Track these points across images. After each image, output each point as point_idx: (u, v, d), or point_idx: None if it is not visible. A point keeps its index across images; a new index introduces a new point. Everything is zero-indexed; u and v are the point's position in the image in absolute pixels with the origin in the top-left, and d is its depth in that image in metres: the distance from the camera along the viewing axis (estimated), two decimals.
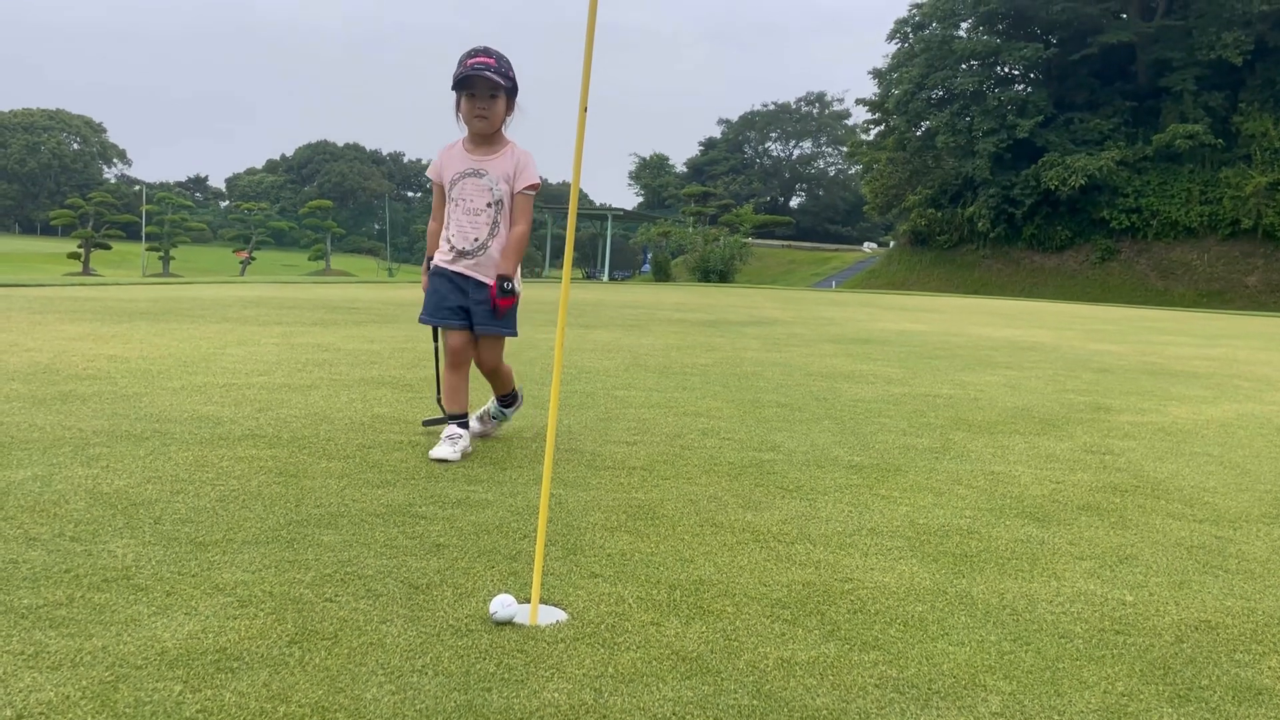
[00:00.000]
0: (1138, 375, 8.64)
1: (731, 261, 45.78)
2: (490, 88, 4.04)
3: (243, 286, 17.66)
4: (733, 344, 9.84)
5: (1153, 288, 43.08)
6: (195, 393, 5.26)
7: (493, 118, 4.08)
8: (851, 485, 4.02)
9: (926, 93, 49.49)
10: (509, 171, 4.14)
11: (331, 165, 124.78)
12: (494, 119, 4.09)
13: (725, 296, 22.18)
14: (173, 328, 8.51)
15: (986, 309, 21.52)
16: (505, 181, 4.14)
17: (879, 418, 5.70)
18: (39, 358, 6.21)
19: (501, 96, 4.06)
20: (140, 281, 20.75)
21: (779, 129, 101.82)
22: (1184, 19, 43.81)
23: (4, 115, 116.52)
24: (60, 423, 4.31)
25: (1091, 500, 4.00)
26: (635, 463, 4.21)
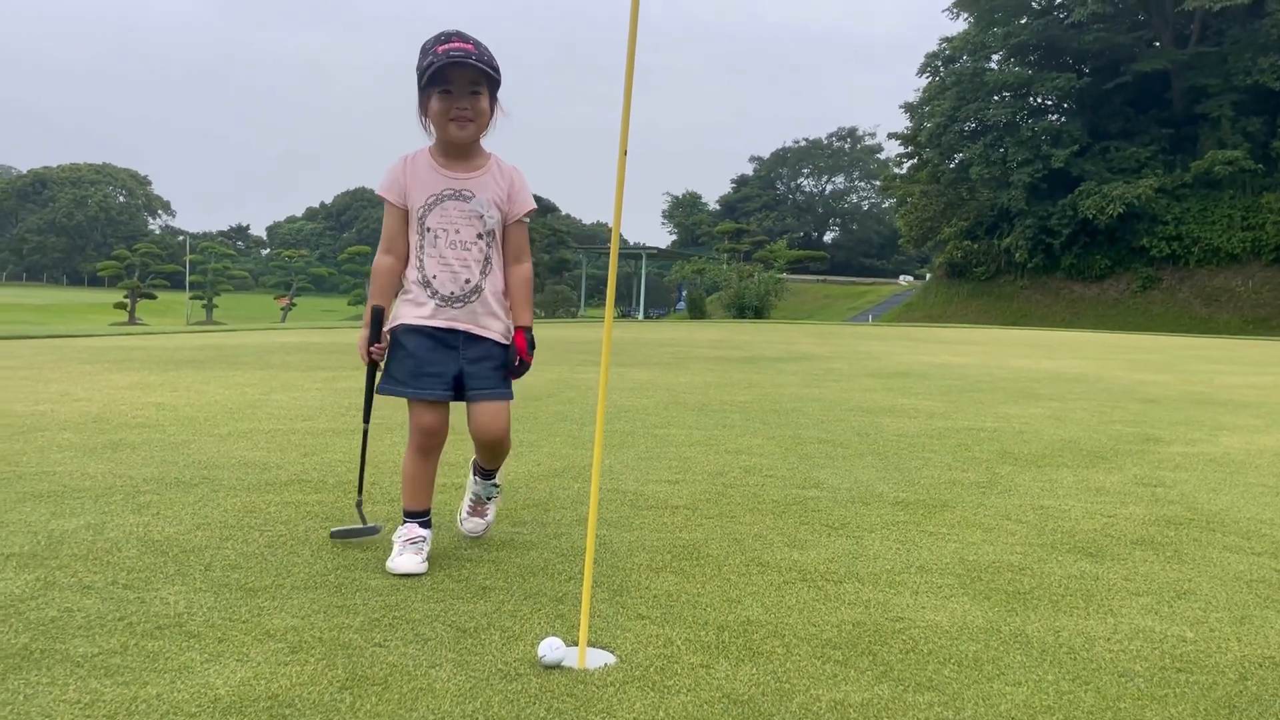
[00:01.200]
0: (1186, 405, 8.49)
1: (767, 297, 45.74)
2: (472, 81, 3.06)
3: (284, 333, 17.92)
4: (771, 380, 9.81)
5: (1196, 315, 42.42)
6: (241, 439, 5.32)
7: (479, 121, 3.11)
8: (898, 522, 3.97)
9: (959, 125, 49.41)
10: (501, 194, 3.19)
11: (370, 211, 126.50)
12: (480, 123, 3.12)
13: (761, 333, 22.14)
14: (218, 375, 8.64)
15: (1027, 340, 21.29)
16: (497, 206, 3.19)
17: (923, 452, 5.64)
18: (89, 407, 6.32)
19: (485, 93, 3.10)
20: (185, 330, 21.12)
21: (811, 164, 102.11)
22: (1218, 45, 43.49)
23: (52, 170, 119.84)
24: (111, 471, 4.38)
25: (1145, 534, 3.92)
26: (678, 501, 4.19)
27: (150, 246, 68.49)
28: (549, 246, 74.74)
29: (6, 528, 3.42)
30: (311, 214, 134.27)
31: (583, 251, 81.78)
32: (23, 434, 5.31)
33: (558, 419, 6.53)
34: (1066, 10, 48.04)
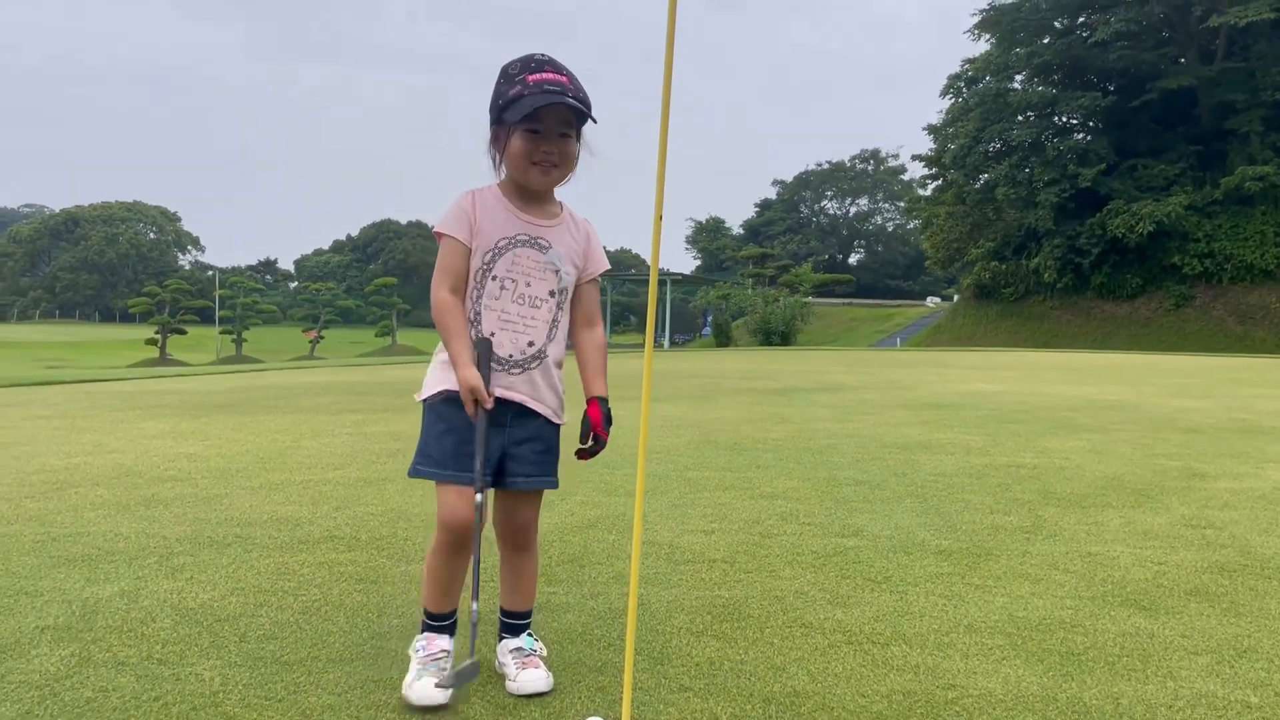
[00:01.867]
0: (1228, 435, 8.32)
1: (793, 322, 45.62)
2: (564, 122, 2.61)
3: (313, 371, 18.01)
4: (803, 414, 9.71)
5: (1231, 333, 41.81)
6: (273, 491, 5.30)
7: (564, 167, 2.67)
8: (942, 574, 3.87)
9: (984, 146, 49.19)
10: (577, 249, 2.77)
11: (395, 243, 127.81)
12: (565, 169, 2.68)
13: (790, 361, 22.03)
14: (248, 420, 8.66)
15: (1060, 364, 21.05)
16: (573, 263, 2.75)
17: (963, 494, 5.53)
18: (122, 459, 6.34)
19: (574, 135, 2.66)
20: (215, 370, 21.29)
21: (834, 187, 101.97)
22: (1245, 61, 43.10)
23: (84, 209, 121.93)
24: (145, 530, 4.36)
25: (1199, 583, 3.80)
26: (715, 554, 4.12)
27: (180, 282, 69.37)
28: None
29: (42, 597, 3.40)
30: (338, 247, 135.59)
31: (607, 278, 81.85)
32: (57, 491, 5.32)
33: (589, 462, 6.46)
34: (1089, 29, 47.81)
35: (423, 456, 2.68)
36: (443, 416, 2.65)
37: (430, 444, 2.66)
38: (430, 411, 2.69)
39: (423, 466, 2.67)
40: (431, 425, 2.68)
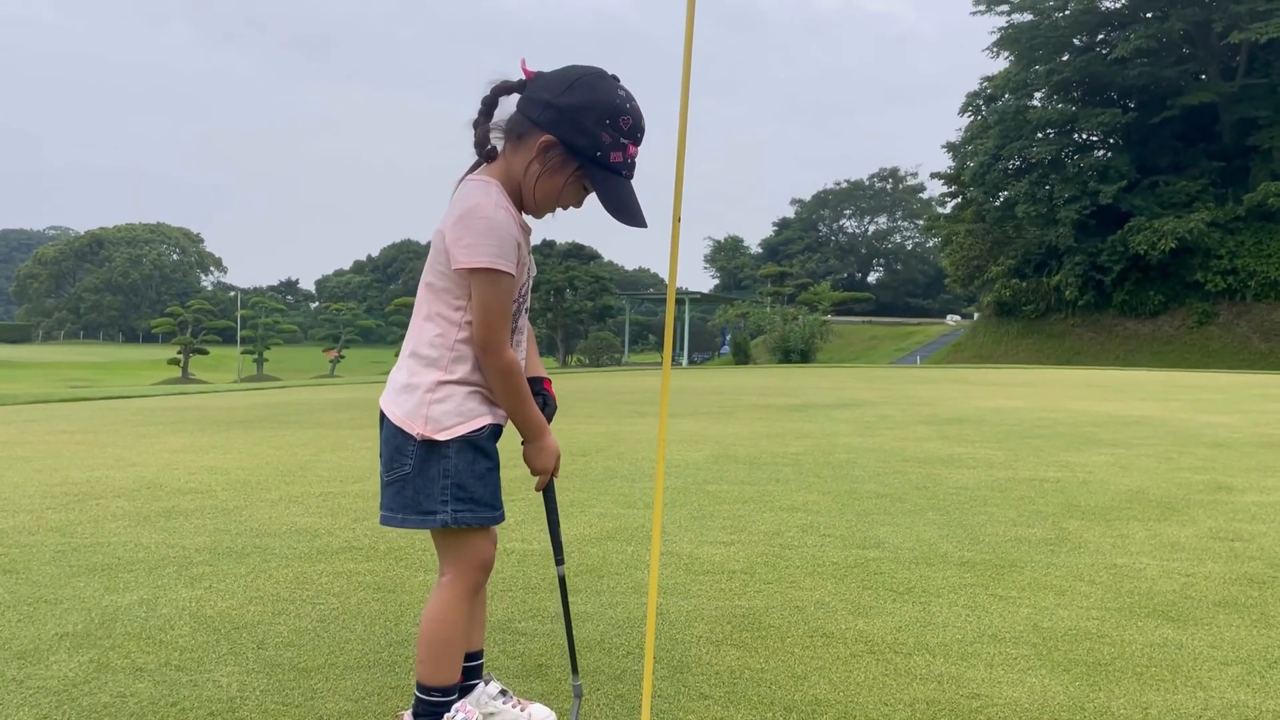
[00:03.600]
0: (1256, 449, 8.21)
1: (812, 340, 45.53)
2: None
3: (334, 388, 18.09)
4: (822, 429, 9.65)
5: (1256, 350, 41.39)
6: (293, 504, 5.31)
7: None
8: (965, 585, 3.82)
9: (1003, 163, 49.07)
10: None
11: (416, 263, 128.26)
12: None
13: (809, 378, 21.95)
14: (269, 435, 8.69)
15: (1082, 380, 20.88)
16: None
17: (985, 506, 5.47)
18: (144, 473, 6.36)
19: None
20: (236, 388, 21.42)
21: (853, 205, 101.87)
22: (1267, 76, 42.88)
23: (109, 231, 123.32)
24: (164, 541, 4.37)
25: (1227, 595, 3.73)
26: (735, 565, 4.08)
27: (202, 303, 69.96)
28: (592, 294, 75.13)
29: (62, 605, 3.41)
30: (359, 267, 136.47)
31: (626, 297, 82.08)
32: (79, 502, 5.34)
33: (608, 476, 6.44)
34: (1109, 46, 47.71)
35: (464, 503, 2.25)
36: (487, 453, 2.29)
37: (473, 485, 2.25)
38: (468, 449, 2.25)
39: (469, 513, 2.25)
40: (471, 464, 2.25)
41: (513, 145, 2.26)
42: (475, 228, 2.17)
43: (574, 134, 2.18)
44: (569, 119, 2.18)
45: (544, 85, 2.22)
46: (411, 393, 2.26)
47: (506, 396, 2.26)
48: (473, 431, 2.25)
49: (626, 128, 2.20)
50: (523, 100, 2.25)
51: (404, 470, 2.25)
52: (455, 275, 2.22)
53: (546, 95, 2.20)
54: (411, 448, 2.24)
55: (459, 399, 2.25)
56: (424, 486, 2.23)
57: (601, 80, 2.21)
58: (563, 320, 75.17)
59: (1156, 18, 46.33)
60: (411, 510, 2.24)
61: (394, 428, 2.27)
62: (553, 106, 2.19)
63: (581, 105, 2.17)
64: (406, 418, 2.25)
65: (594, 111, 2.17)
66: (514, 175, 2.26)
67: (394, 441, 2.27)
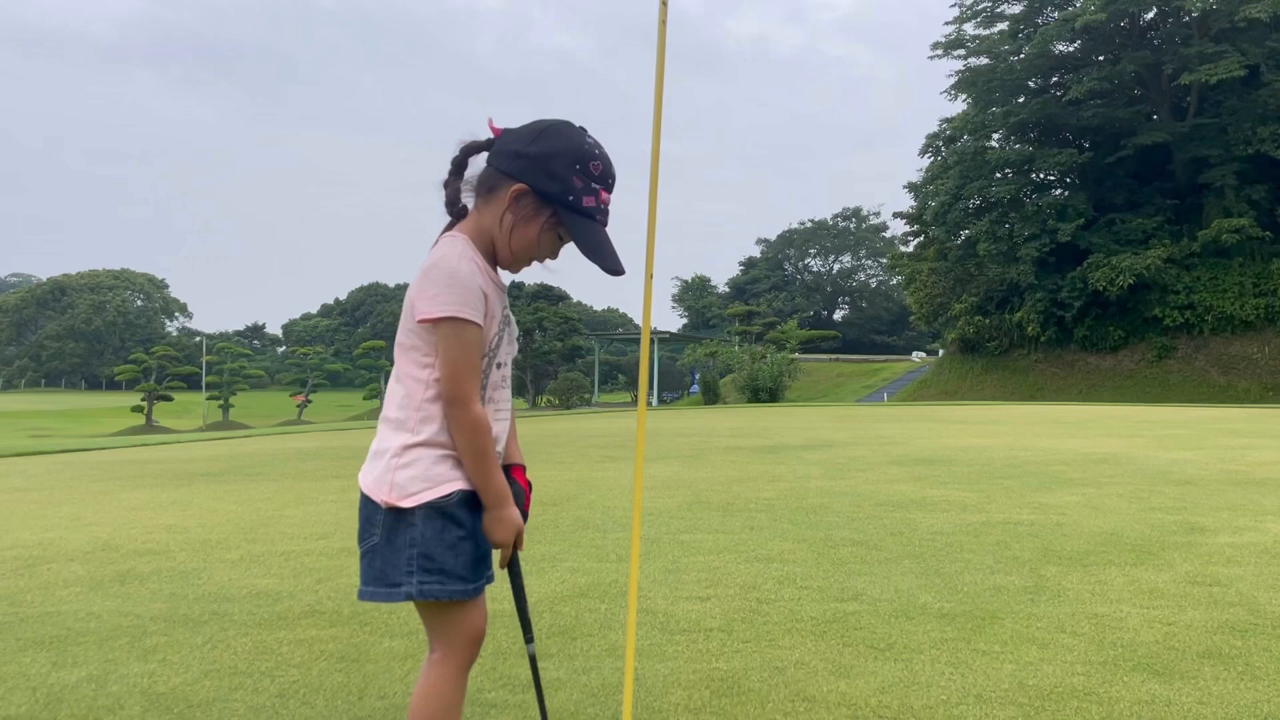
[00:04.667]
0: (1223, 487, 8.23)
1: (780, 379, 45.59)
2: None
3: (300, 436, 17.80)
4: (794, 472, 9.58)
5: (1215, 384, 41.98)
6: (254, 564, 5.14)
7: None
8: (946, 640, 3.74)
9: (963, 203, 49.71)
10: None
11: (384, 306, 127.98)
12: None
13: (779, 418, 21.92)
14: (231, 489, 8.48)
15: (1048, 417, 21.01)
16: None
17: (961, 553, 5.41)
18: (99, 533, 6.16)
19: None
20: (199, 437, 21.04)
21: (817, 245, 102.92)
22: (1217, 116, 43.86)
23: (72, 278, 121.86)
24: (118, 609, 4.20)
25: (1211, 645, 3.68)
26: (711, 623, 3.98)
27: (167, 349, 69.02)
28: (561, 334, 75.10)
29: (5, 683, 3.24)
30: (326, 310, 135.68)
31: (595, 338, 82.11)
32: (29, 567, 5.14)
33: (579, 526, 6.32)
34: (1063, 88, 48.69)
35: (431, 574, 2.11)
36: (458, 520, 2.14)
37: (441, 555, 2.11)
38: (437, 516, 2.12)
39: (437, 585, 2.11)
40: (439, 533, 2.12)
41: (484, 199, 2.22)
42: (438, 279, 2.11)
43: (545, 180, 2.16)
44: (539, 166, 2.16)
45: (512, 138, 2.21)
46: (379, 459, 2.17)
47: (470, 455, 2.13)
48: (441, 498, 2.12)
49: (597, 173, 2.19)
50: (492, 155, 2.23)
51: (373, 540, 2.14)
52: (421, 330, 2.14)
53: (516, 146, 2.19)
54: (379, 517, 2.13)
55: (426, 463, 2.13)
56: (391, 557, 2.11)
57: (569, 128, 2.21)
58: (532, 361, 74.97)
59: (1108, 60, 47.40)
60: (380, 582, 2.12)
61: (364, 497, 2.18)
62: (522, 155, 2.17)
63: (551, 152, 2.17)
64: (374, 484, 2.15)
65: (564, 157, 2.16)
66: (486, 230, 2.21)
67: (365, 511, 2.18)
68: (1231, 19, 41.24)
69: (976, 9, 50.14)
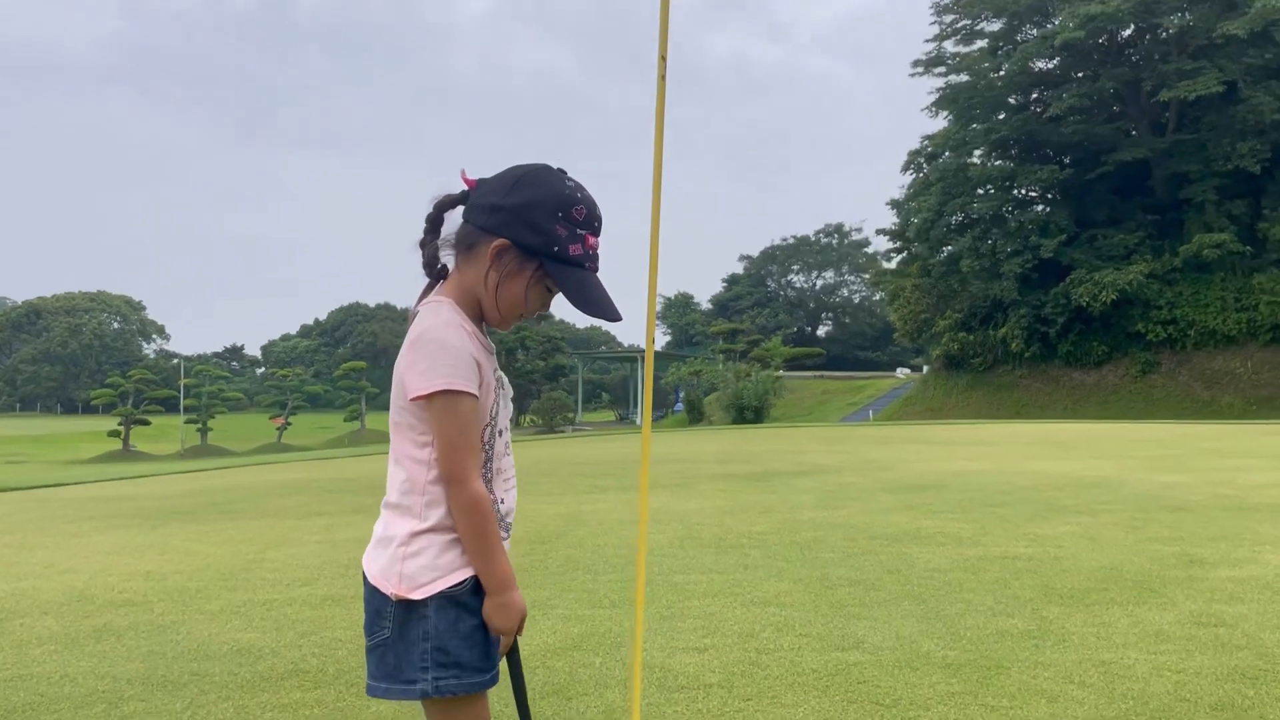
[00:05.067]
0: (1217, 513, 8.17)
1: (765, 397, 45.54)
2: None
3: (280, 467, 17.58)
4: (786, 502, 9.47)
5: (1199, 398, 42.21)
6: (234, 615, 4.98)
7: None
8: (953, 694, 3.63)
9: (946, 219, 49.94)
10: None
11: (364, 326, 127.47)
12: None
13: (766, 440, 21.83)
14: (210, 529, 8.30)
15: (1036, 437, 20.99)
16: None
17: (961, 592, 5.30)
18: (74, 581, 5.98)
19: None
20: (176, 469, 20.77)
21: (800, 261, 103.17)
22: (1196, 132, 44.28)
23: (47, 300, 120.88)
24: (93, 669, 4.03)
25: (1223, 696, 3.58)
26: (710, 678, 3.85)
27: (144, 372, 68.51)
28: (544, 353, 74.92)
29: None
30: (306, 331, 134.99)
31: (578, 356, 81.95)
32: (1, 622, 4.97)
33: (569, 567, 6.19)
34: (1043, 105, 49.09)
35: (447, 669, 1.99)
36: (471, 609, 2.02)
37: (456, 648, 2.00)
38: (450, 606, 2.00)
39: (454, 680, 1.99)
40: (453, 624, 2.00)
41: (464, 258, 2.10)
42: (427, 352, 1.99)
43: (527, 233, 2.03)
44: (519, 218, 2.03)
45: (488, 190, 2.08)
46: (386, 546, 2.04)
47: (470, 536, 1.99)
48: (453, 586, 2.00)
49: (581, 218, 2.06)
50: (467, 209, 2.10)
51: (384, 635, 2.01)
52: (415, 408, 2.01)
53: (492, 199, 2.06)
54: (389, 609, 2.00)
55: (435, 550, 2.01)
56: (404, 652, 1.98)
57: (547, 174, 2.08)
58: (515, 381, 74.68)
59: (1088, 77, 47.84)
60: (394, 679, 1.98)
61: (371, 587, 2.05)
62: (500, 209, 2.04)
63: (529, 202, 2.03)
64: (381, 575, 2.02)
65: (544, 206, 2.03)
66: (469, 290, 2.09)
67: (373, 603, 2.05)
68: (1209, 35, 41.71)
69: (956, 26, 50.58)
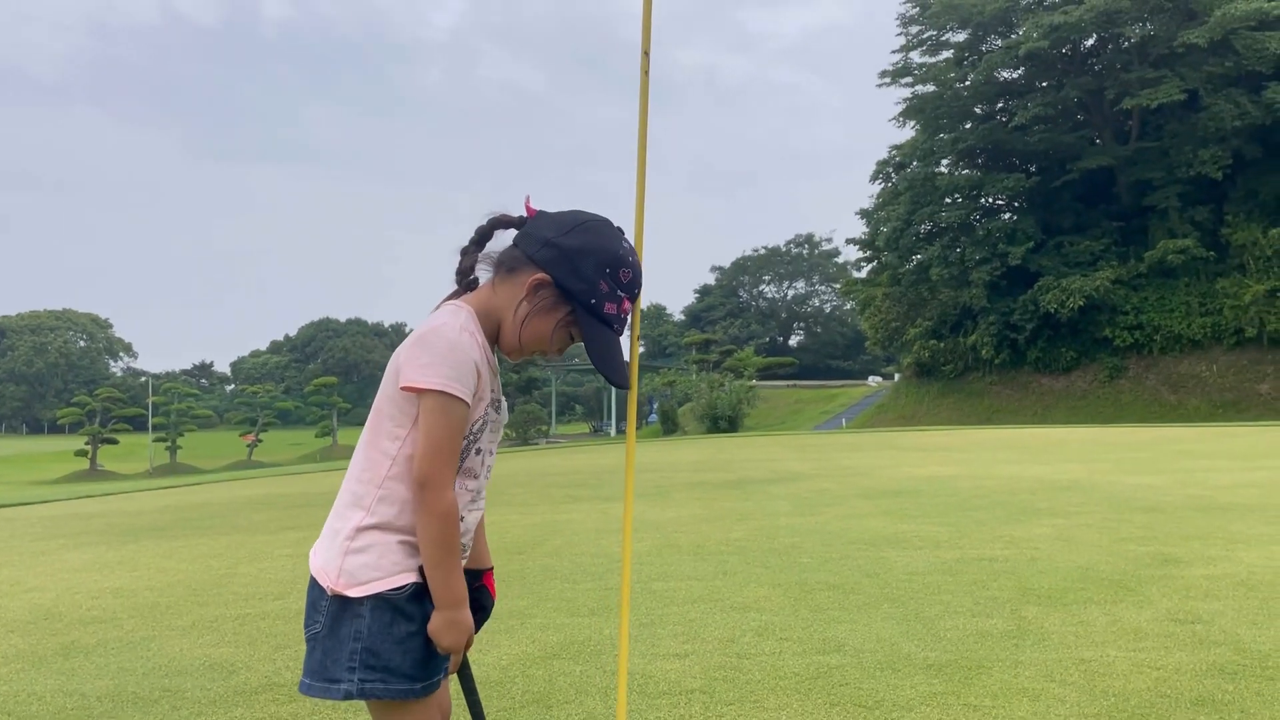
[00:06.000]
0: (1189, 513, 8.24)
1: (739, 406, 45.65)
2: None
3: (251, 484, 17.38)
4: (762, 509, 9.46)
5: (1165, 402, 42.73)
6: (206, 630, 4.89)
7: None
8: (936, 695, 3.62)
9: (915, 228, 50.35)
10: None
11: (335, 341, 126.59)
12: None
13: (741, 449, 21.85)
14: (180, 545, 8.17)
15: (1007, 442, 21.15)
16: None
17: (939, 594, 5.30)
18: (41, 599, 5.86)
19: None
20: (146, 486, 20.50)
21: (771, 271, 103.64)
22: (1159, 140, 44.93)
23: (10, 319, 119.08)
24: (61, 688, 3.94)
25: (1203, 691, 3.59)
26: (692, 683, 3.82)
27: (111, 391, 67.61)
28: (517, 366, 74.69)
29: None
30: (276, 347, 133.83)
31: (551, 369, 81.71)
32: None
33: (547, 576, 6.14)
34: (1009, 114, 49.64)
35: (375, 671, 1.93)
36: (408, 615, 1.97)
37: (388, 652, 1.94)
38: (386, 609, 1.95)
39: (379, 684, 1.94)
40: (387, 627, 1.95)
41: (502, 279, 2.07)
42: (434, 347, 1.95)
43: (570, 277, 2.01)
44: (568, 260, 2.01)
45: (546, 223, 2.07)
46: (332, 539, 2.00)
47: (433, 545, 1.93)
48: (392, 590, 1.94)
49: (625, 281, 2.05)
50: (521, 235, 2.08)
51: (316, 628, 1.97)
52: (401, 399, 1.97)
53: (548, 233, 2.04)
54: (325, 603, 1.96)
55: (380, 550, 1.96)
56: (333, 649, 1.93)
57: (607, 228, 2.07)
58: None
59: (1052, 87, 48.44)
60: (319, 676, 1.94)
61: (312, 579, 2.01)
62: (553, 245, 2.02)
63: (583, 248, 2.02)
64: (322, 567, 1.98)
65: (595, 258, 2.02)
66: (494, 310, 2.06)
67: (311, 594, 2.01)
68: (1170, 45, 42.36)
69: (922, 38, 51.08)
